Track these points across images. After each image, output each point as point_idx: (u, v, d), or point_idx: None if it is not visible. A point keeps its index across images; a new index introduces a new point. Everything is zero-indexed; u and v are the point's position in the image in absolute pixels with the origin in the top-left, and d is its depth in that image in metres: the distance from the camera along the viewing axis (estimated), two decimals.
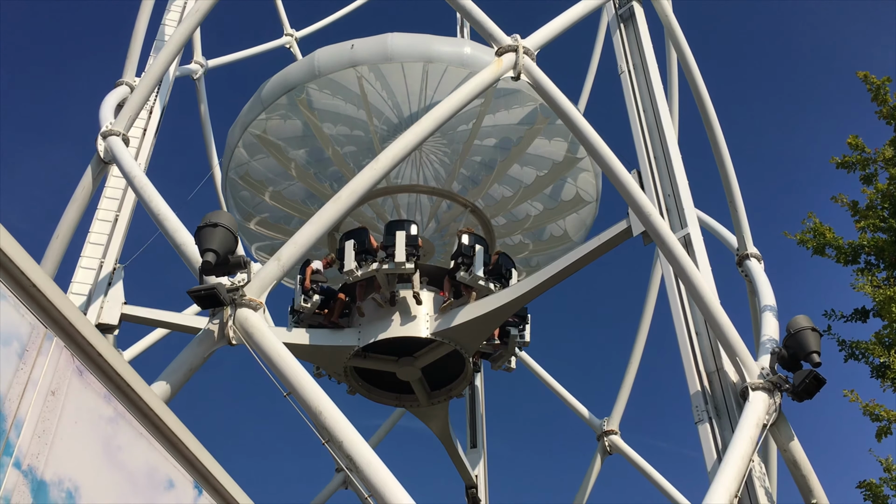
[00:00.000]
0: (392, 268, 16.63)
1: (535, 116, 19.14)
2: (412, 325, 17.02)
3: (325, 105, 18.98)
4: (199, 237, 12.23)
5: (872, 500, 14.21)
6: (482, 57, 17.86)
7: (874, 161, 12.54)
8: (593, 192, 20.69)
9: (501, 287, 17.36)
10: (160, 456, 5.26)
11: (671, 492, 21.29)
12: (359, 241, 17.24)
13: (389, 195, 20.22)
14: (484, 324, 16.95)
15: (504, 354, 18.69)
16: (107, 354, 4.81)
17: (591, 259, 15.61)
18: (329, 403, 11.32)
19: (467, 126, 19.22)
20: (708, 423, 12.87)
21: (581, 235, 21.54)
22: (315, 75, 18.38)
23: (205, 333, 12.15)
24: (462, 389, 19.17)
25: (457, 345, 17.17)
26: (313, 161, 20.18)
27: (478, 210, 20.20)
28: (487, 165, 20.13)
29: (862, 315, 13.18)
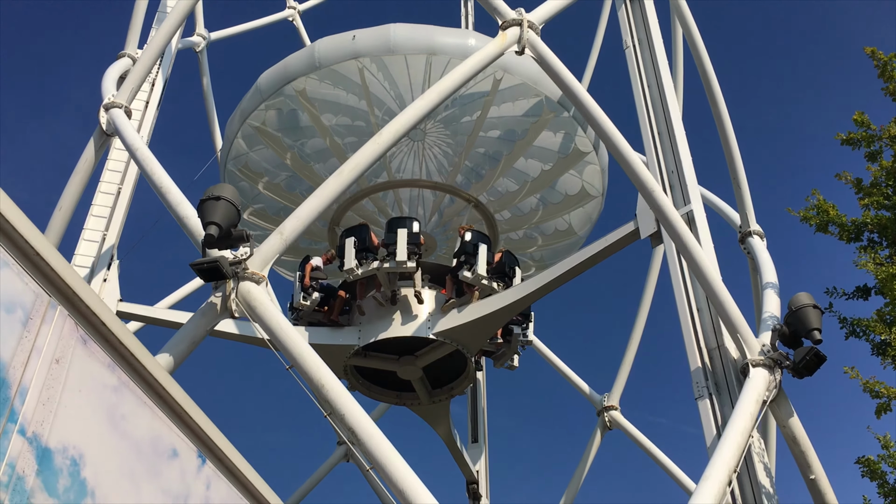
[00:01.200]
0: (393, 266, 16.46)
1: (540, 109, 18.77)
2: (413, 325, 16.89)
3: (326, 95, 18.63)
4: (201, 210, 12.21)
5: (870, 477, 14.33)
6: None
7: (879, 138, 12.49)
8: (599, 186, 20.35)
9: (505, 286, 17.18)
10: (164, 425, 5.30)
11: (670, 467, 21.44)
12: (359, 238, 17.02)
13: (391, 189, 19.97)
14: (487, 324, 16.82)
15: (507, 353, 18.60)
16: (111, 324, 4.83)
17: (598, 261, 15.44)
18: (331, 377, 11.38)
19: (471, 118, 18.87)
20: (708, 399, 12.93)
21: (587, 230, 21.32)
22: (315, 67, 18.01)
23: (207, 306, 12.18)
24: (464, 388, 19.04)
25: (459, 345, 17.03)
26: (312, 152, 19.90)
27: (481, 205, 19.91)
28: (492, 158, 19.80)
29: (863, 293, 13.20)
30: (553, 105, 18.34)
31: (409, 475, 10.47)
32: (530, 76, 18.03)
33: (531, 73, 17.91)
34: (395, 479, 10.49)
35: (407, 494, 10.39)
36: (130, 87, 15.96)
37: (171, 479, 5.27)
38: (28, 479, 4.13)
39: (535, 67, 17.80)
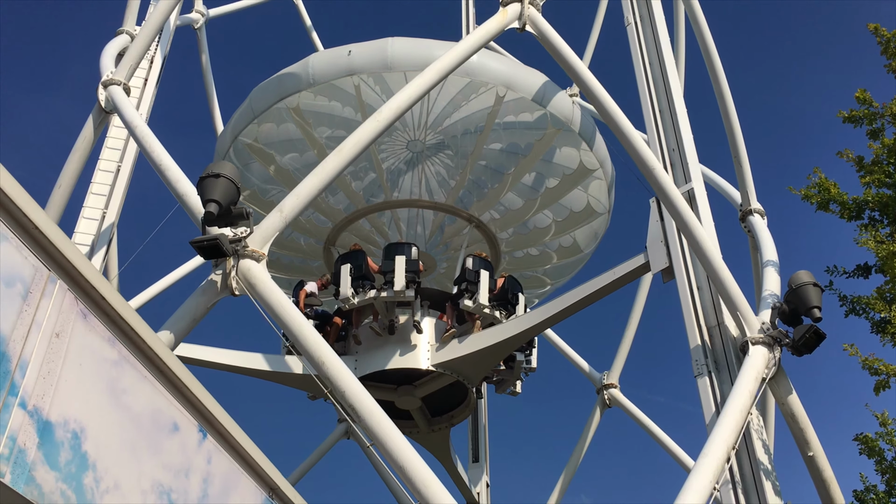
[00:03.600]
0: (391, 296, 15.99)
1: (545, 122, 18.09)
2: (412, 356, 16.32)
3: (321, 108, 17.92)
4: (201, 188, 12.19)
5: (868, 454, 14.40)
6: (488, 64, 17.06)
7: (881, 116, 12.42)
8: (606, 202, 19.71)
9: (507, 314, 16.75)
10: (164, 399, 5.31)
11: (669, 444, 21.54)
12: (355, 265, 16.49)
13: (389, 209, 19.36)
14: (489, 356, 16.43)
15: (509, 380, 18.16)
16: (111, 298, 4.83)
17: (605, 294, 15.21)
18: (332, 354, 11.41)
19: (472, 131, 18.22)
20: (707, 377, 12.97)
21: (592, 247, 20.82)
22: (310, 84, 17.31)
23: (208, 283, 12.19)
24: (464, 418, 18.60)
25: (459, 376, 16.60)
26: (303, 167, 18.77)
27: (482, 224, 19.31)
28: (494, 170, 19.05)
29: (864, 271, 13.19)
30: (558, 121, 17.78)
31: (409, 451, 10.53)
32: (535, 93, 17.47)
33: (535, 89, 17.40)
34: (396, 455, 10.56)
35: (407, 470, 10.46)
36: (129, 65, 15.88)
37: (172, 453, 5.29)
38: (29, 452, 4.15)
39: (538, 82, 17.48)
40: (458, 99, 17.56)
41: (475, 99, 17.55)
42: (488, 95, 17.39)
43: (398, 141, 18.53)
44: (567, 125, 17.85)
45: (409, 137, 18.37)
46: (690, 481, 10.41)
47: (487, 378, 18.03)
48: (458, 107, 17.67)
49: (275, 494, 6.40)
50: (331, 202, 19.37)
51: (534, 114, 17.85)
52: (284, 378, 16.67)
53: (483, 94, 17.36)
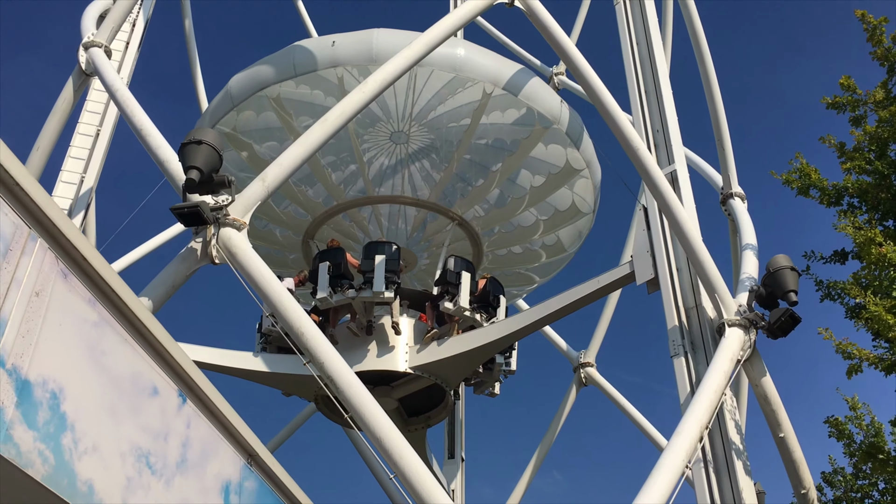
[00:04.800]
0: (370, 296, 15.73)
1: (531, 119, 17.63)
2: (389, 358, 16.05)
3: (303, 97, 17.32)
4: (182, 154, 12.05)
5: (837, 437, 14.65)
6: (477, 60, 16.74)
7: (864, 103, 12.50)
8: (591, 201, 19.45)
9: (488, 317, 16.60)
10: (144, 363, 5.28)
11: (643, 423, 21.79)
12: (334, 263, 16.15)
13: (371, 205, 18.96)
14: (468, 360, 16.30)
15: (487, 381, 18.03)
16: (92, 259, 4.77)
17: (588, 302, 15.14)
18: (311, 325, 11.40)
19: (458, 124, 17.78)
20: (683, 357, 13.09)
21: (576, 246, 20.64)
22: (292, 74, 16.85)
23: (188, 251, 12.10)
24: (441, 419, 18.44)
25: (437, 378, 16.43)
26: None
27: (465, 223, 18.94)
28: (479, 165, 18.65)
29: (841, 257, 13.33)
30: (545, 120, 17.47)
31: (386, 423, 10.58)
32: (523, 91, 17.14)
33: (523, 87, 17.09)
34: (373, 427, 10.60)
35: (384, 442, 10.51)
36: (110, 27, 15.64)
37: (151, 416, 5.26)
38: (7, 410, 4.11)
39: (526, 80, 17.10)
40: (443, 93, 17.16)
41: (461, 93, 17.20)
42: (475, 90, 17.06)
43: (381, 133, 18.09)
44: (554, 124, 17.56)
45: (393, 129, 17.93)
46: (663, 459, 10.54)
47: (466, 380, 17.91)
48: (443, 100, 17.27)
49: (253, 461, 6.40)
50: (310, 195, 18.96)
51: (521, 111, 17.57)
52: (260, 377, 16.32)
53: (470, 88, 17.03)
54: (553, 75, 26.93)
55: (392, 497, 20.99)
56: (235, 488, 6.10)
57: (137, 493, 4.95)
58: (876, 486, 16.92)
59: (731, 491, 11.90)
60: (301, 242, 19.32)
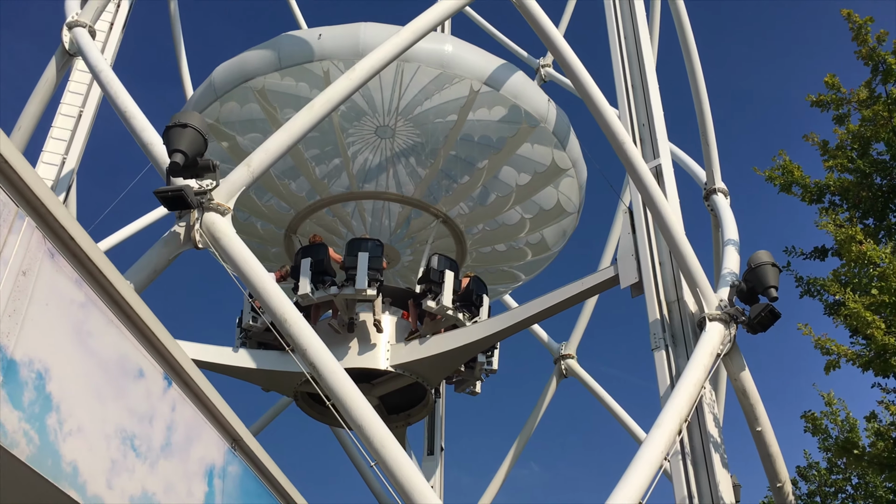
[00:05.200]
0: (352, 294, 15.64)
1: (518, 116, 17.49)
2: (370, 355, 15.96)
3: (288, 89, 17.07)
4: (167, 137, 11.96)
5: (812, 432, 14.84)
6: (465, 56, 16.62)
7: (848, 101, 12.62)
8: (576, 200, 19.36)
9: (471, 316, 16.58)
10: (131, 345, 5.24)
11: (622, 416, 21.95)
12: (316, 259, 16.01)
13: (354, 200, 18.76)
14: (449, 359, 16.27)
15: (469, 380, 18.02)
16: (79, 239, 4.73)
17: (571, 304, 15.13)
18: (294, 311, 11.38)
19: (444, 120, 17.60)
20: (664, 350, 13.20)
21: (560, 245, 20.60)
22: (276, 67, 16.58)
23: (171, 235, 12.02)
24: (422, 417, 18.39)
25: (418, 377, 16.37)
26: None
27: (450, 220, 18.82)
28: (464, 161, 18.51)
29: (821, 253, 13.49)
30: (532, 119, 17.39)
31: (368, 410, 10.59)
32: (510, 89, 17.06)
33: (511, 85, 17.00)
34: (355, 414, 10.60)
35: (365, 429, 10.52)
36: (95, 7, 15.48)
37: (137, 398, 5.24)
38: None
39: (514, 78, 17.01)
40: (430, 88, 17.00)
41: (448, 89, 17.04)
42: (462, 86, 16.91)
43: (367, 127, 17.90)
44: (541, 123, 17.47)
45: (379, 123, 17.73)
46: (643, 451, 10.62)
47: (447, 378, 17.89)
48: (429, 96, 17.12)
49: (237, 446, 6.39)
50: (293, 189, 18.76)
51: (508, 109, 17.42)
52: (240, 373, 16.16)
53: (457, 84, 16.88)
54: (540, 67, 26.95)
55: (371, 486, 21.05)
56: (219, 472, 6.09)
57: (122, 475, 4.93)
58: (849, 480, 17.20)
59: (708, 483, 12.03)
60: (283, 236, 19.13)
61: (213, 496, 5.99)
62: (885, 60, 11.90)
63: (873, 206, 12.53)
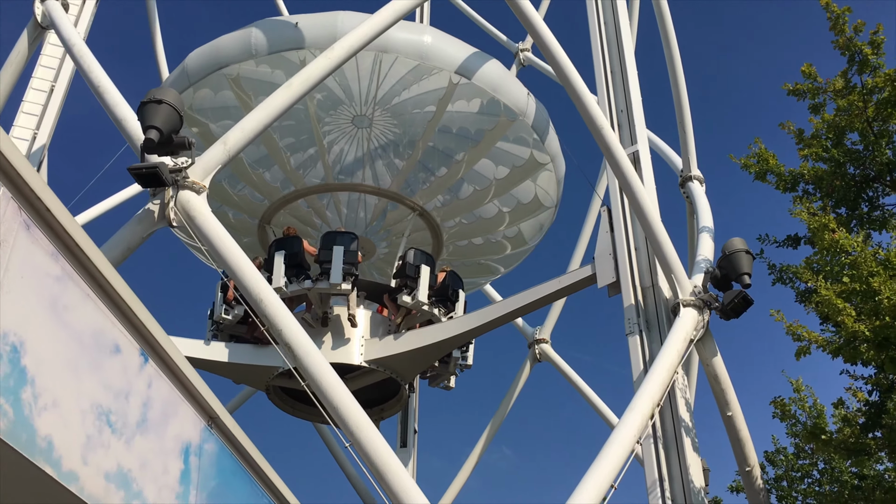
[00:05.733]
0: (326, 288, 15.46)
1: (497, 108, 17.34)
2: (344, 350, 15.79)
3: (263, 76, 16.64)
4: (141, 113, 11.79)
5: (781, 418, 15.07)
6: (444, 48, 16.40)
7: (824, 91, 12.75)
8: (554, 194, 19.29)
9: (447, 311, 16.50)
10: (107, 320, 5.16)
11: (595, 400, 22.12)
12: (291, 252, 15.81)
13: (330, 192, 18.46)
14: (424, 355, 16.19)
15: (443, 374, 17.96)
16: (56, 211, 4.64)
17: (548, 302, 15.13)
18: (270, 291, 11.31)
19: (421, 111, 17.37)
20: (638, 336, 13.31)
21: (537, 239, 20.52)
22: (251, 55, 16.21)
23: (144, 213, 11.89)
24: (395, 412, 18.34)
25: (392, 373, 16.27)
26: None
27: (426, 213, 18.66)
28: (442, 153, 18.21)
29: (794, 241, 13.65)
30: (511, 113, 17.24)
31: (343, 392, 10.57)
32: (489, 82, 16.87)
33: (490, 78, 16.84)
34: (330, 395, 10.59)
35: (340, 411, 10.51)
36: None
37: (113, 374, 5.16)
38: None
39: (494, 71, 16.90)
40: (408, 79, 16.79)
41: (427, 80, 16.82)
42: (441, 77, 16.70)
43: (343, 116, 17.61)
44: (520, 116, 17.33)
45: (356, 112, 17.46)
46: (615, 434, 10.72)
47: (421, 373, 17.87)
48: (408, 86, 16.90)
49: (214, 424, 6.34)
50: (267, 179, 18.48)
51: (487, 101, 17.26)
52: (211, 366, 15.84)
53: (436, 75, 16.68)
54: (519, 51, 26.90)
55: (345, 469, 21.05)
56: (195, 450, 6.04)
57: (97, 451, 4.87)
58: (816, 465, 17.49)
59: (679, 467, 12.18)
60: (257, 227, 18.85)
61: (189, 474, 5.94)
62: (861, 51, 12.03)
63: (846, 195, 12.70)
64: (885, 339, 10.05)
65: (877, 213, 12.83)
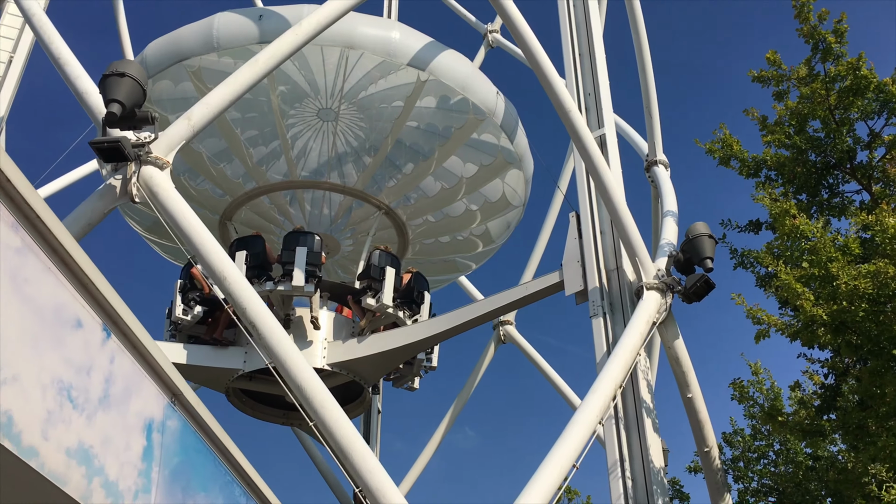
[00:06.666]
0: (289, 290, 15.18)
1: (466, 105, 17.12)
2: (307, 353, 15.46)
3: (226, 68, 15.87)
4: (103, 86, 11.55)
5: (739, 400, 15.37)
6: (411, 44, 16.08)
7: (788, 78, 12.94)
8: (522, 193, 19.13)
9: (412, 314, 16.31)
10: (69, 294, 5.07)
11: (558, 382, 22.29)
12: (252, 252, 15.46)
13: (294, 189, 18.13)
14: (388, 359, 16.05)
15: (407, 376, 17.81)
16: (15, 180, 4.52)
17: (514, 308, 15.02)
18: (234, 269, 11.19)
19: (388, 105, 17.11)
20: (602, 318, 13.41)
21: (504, 237, 20.41)
22: (213, 49, 15.80)
23: (106, 188, 11.67)
24: (358, 414, 18.14)
25: (355, 376, 16.06)
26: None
27: (392, 212, 18.39)
28: (409, 148, 17.98)
29: (755, 227, 13.90)
30: (480, 111, 17.05)
31: (307, 370, 10.53)
32: (459, 81, 16.64)
33: (459, 77, 16.61)
34: (294, 374, 10.54)
35: (304, 390, 10.47)
36: None
37: (75, 349, 5.08)
38: None
39: (464, 70, 16.75)
40: (374, 74, 16.47)
41: (394, 75, 16.54)
42: (409, 73, 16.44)
43: (308, 109, 17.22)
44: (489, 115, 17.13)
45: (321, 105, 17.09)
46: (578, 415, 10.81)
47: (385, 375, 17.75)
48: (374, 81, 16.60)
49: (177, 400, 6.28)
50: (229, 174, 18.05)
51: (455, 100, 17.00)
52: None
53: (403, 70, 16.40)
54: (488, 32, 26.83)
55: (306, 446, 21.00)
56: (158, 427, 5.98)
57: (58, 426, 4.79)
58: (771, 446, 17.90)
59: (639, 447, 12.34)
60: (218, 223, 18.43)
61: (151, 450, 5.88)
62: (825, 39, 12.21)
63: (807, 181, 12.93)
64: (841, 324, 10.28)
65: (836, 200, 13.10)
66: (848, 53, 12.49)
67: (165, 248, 19.98)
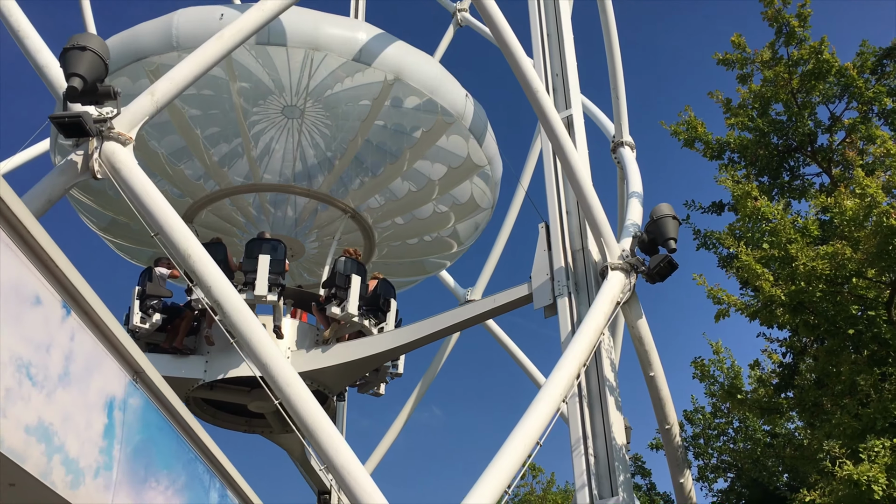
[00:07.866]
0: (251, 298, 14.76)
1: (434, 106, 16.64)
2: None
3: None
4: (64, 60, 11.33)
5: (700, 378, 15.64)
6: (378, 47, 15.64)
7: (752, 62, 13.08)
8: (491, 196, 18.91)
9: (377, 322, 16.03)
10: (27, 270, 5.00)
11: (523, 360, 22.50)
12: (215, 259, 15.00)
13: (257, 192, 17.63)
14: (353, 369, 15.86)
15: (373, 382, 17.65)
16: None
17: (482, 320, 14.82)
18: (198, 246, 11.10)
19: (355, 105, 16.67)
20: (567, 298, 13.54)
21: (472, 239, 20.22)
22: (172, 48, 15.17)
23: (67, 164, 11.48)
24: None
25: (320, 385, 15.81)
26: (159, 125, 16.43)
27: (358, 215, 18.02)
28: (376, 148, 17.58)
29: (718, 208, 14.10)
30: (448, 115, 16.68)
31: (269, 345, 10.49)
32: (427, 84, 16.24)
33: (428, 81, 16.23)
34: (257, 349, 10.50)
35: (269, 367, 10.44)
36: None
37: (34, 326, 5.03)
38: None
39: (432, 72, 16.39)
40: (339, 73, 16.06)
41: (361, 75, 16.13)
42: (375, 74, 16.02)
43: (273, 107, 16.78)
44: (458, 119, 16.86)
45: (286, 103, 16.66)
46: (542, 393, 10.93)
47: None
48: (340, 80, 16.20)
49: (139, 378, 6.25)
50: (189, 175, 17.58)
51: (423, 102, 16.58)
52: None
53: (370, 70, 15.96)
54: (456, 11, 26.70)
55: None
56: (120, 405, 5.95)
57: (17, 403, 4.76)
58: (731, 424, 18.27)
59: (602, 424, 12.52)
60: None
61: (112, 428, 5.86)
62: (788, 23, 12.35)
63: (769, 164, 13.13)
64: (799, 304, 10.49)
65: (797, 183, 13.32)
66: (811, 37, 12.66)
67: (122, 248, 19.71)
